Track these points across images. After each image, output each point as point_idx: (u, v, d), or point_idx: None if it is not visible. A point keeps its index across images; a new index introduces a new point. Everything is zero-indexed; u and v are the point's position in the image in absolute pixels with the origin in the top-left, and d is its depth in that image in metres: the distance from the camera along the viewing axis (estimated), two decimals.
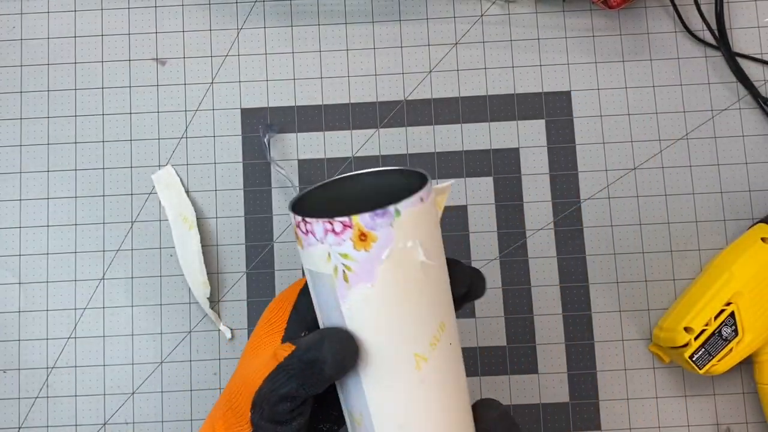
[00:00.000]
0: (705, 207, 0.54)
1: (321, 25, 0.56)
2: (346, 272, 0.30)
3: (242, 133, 0.55)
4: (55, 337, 0.53)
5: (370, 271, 0.30)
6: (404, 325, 0.31)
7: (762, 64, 0.55)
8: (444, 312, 0.32)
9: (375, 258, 0.29)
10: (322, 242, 0.30)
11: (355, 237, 0.29)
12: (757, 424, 0.52)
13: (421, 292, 0.31)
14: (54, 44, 0.56)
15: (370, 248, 0.29)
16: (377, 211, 0.29)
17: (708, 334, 0.48)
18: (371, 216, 0.29)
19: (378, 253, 0.29)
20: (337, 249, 0.30)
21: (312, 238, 0.30)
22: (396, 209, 0.29)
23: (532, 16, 0.56)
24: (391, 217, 0.29)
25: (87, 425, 0.52)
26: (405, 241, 0.30)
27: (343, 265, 0.30)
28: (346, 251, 0.29)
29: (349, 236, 0.29)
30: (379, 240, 0.29)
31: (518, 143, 0.54)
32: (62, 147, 0.55)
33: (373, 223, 0.29)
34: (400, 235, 0.29)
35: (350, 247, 0.29)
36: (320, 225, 0.30)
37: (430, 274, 0.31)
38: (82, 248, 0.54)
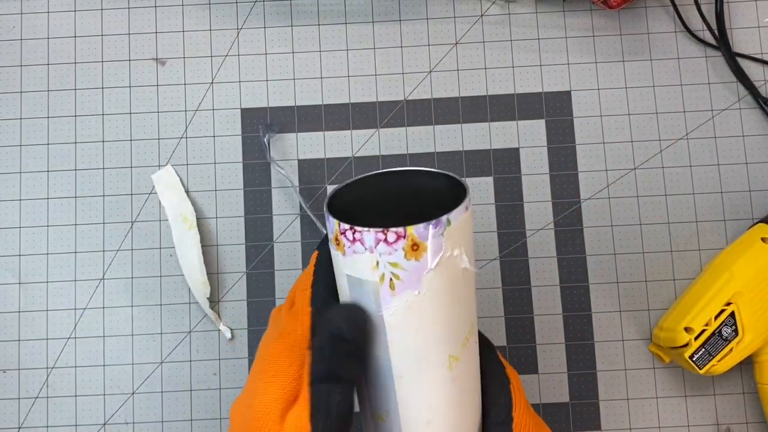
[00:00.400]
0: (705, 207, 0.54)
1: (321, 25, 0.56)
2: (393, 280, 0.31)
3: (242, 133, 0.55)
4: (55, 337, 0.53)
5: (417, 280, 0.30)
6: (444, 328, 0.32)
7: (762, 64, 0.55)
8: (472, 315, 0.33)
9: (424, 267, 0.30)
10: (372, 251, 0.31)
11: (408, 247, 0.30)
12: (757, 424, 0.52)
13: (460, 296, 0.32)
14: (54, 44, 0.56)
15: (420, 258, 0.30)
16: (432, 222, 0.30)
17: (708, 334, 0.48)
18: (425, 227, 0.30)
19: (426, 263, 0.30)
20: (387, 258, 0.30)
21: (360, 246, 0.31)
22: (448, 219, 0.30)
23: (532, 16, 0.56)
24: (443, 227, 0.30)
25: (87, 425, 0.52)
26: (453, 249, 0.31)
27: (391, 274, 0.31)
28: (396, 260, 0.30)
29: (402, 246, 0.30)
30: (430, 249, 0.30)
31: (518, 143, 0.54)
32: (62, 147, 0.55)
33: (427, 233, 0.30)
34: (449, 244, 0.30)
35: (401, 256, 0.30)
36: (372, 234, 0.30)
37: (468, 278, 0.32)
38: (82, 248, 0.54)
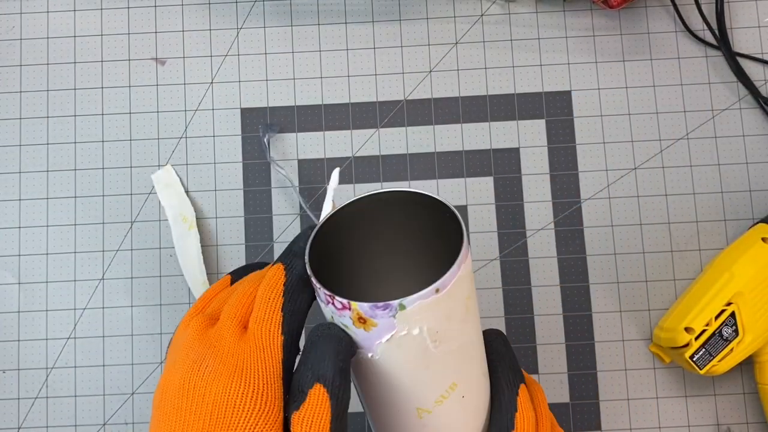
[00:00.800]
0: (705, 207, 0.54)
1: (321, 25, 0.56)
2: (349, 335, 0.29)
3: (242, 133, 0.55)
4: (54, 338, 0.53)
5: (370, 345, 0.29)
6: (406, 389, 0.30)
7: (762, 64, 0.55)
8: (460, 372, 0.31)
9: (375, 337, 0.28)
10: (326, 305, 0.29)
11: (355, 318, 0.28)
12: (757, 424, 0.52)
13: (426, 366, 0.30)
14: (53, 44, 0.56)
15: (369, 330, 0.28)
16: (379, 304, 0.28)
17: (708, 334, 0.48)
18: (371, 307, 0.28)
19: (378, 335, 0.28)
20: (339, 319, 0.29)
21: (319, 297, 0.30)
22: (401, 304, 0.28)
23: (533, 16, 0.56)
24: (393, 310, 0.28)
25: (87, 425, 0.52)
26: (410, 329, 0.28)
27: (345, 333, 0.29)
28: (347, 324, 0.29)
29: (349, 315, 0.28)
30: (380, 326, 0.28)
31: (518, 143, 0.54)
32: (62, 147, 0.55)
33: (373, 313, 0.28)
34: (404, 324, 0.28)
35: (350, 323, 0.29)
36: (323, 293, 0.29)
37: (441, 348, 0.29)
38: (82, 248, 0.54)
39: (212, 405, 0.26)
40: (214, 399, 0.26)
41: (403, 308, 0.27)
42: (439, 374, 0.30)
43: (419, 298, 0.28)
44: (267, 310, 0.28)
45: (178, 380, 0.27)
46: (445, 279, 0.28)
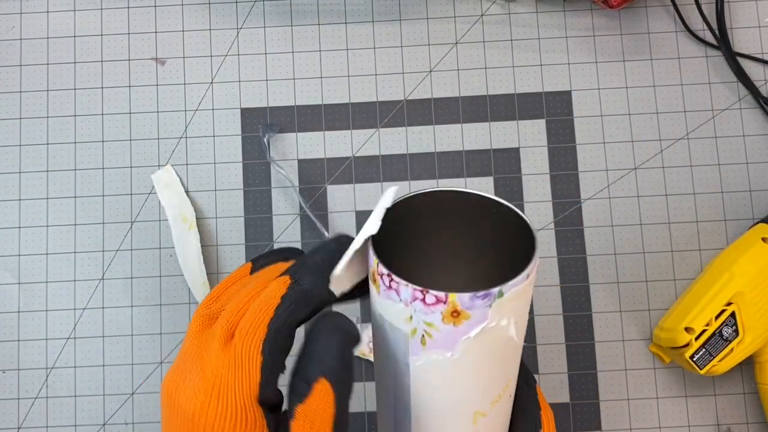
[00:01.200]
0: (705, 207, 0.54)
1: (321, 25, 0.56)
2: (425, 337, 0.28)
3: (242, 133, 0.55)
4: (54, 338, 0.53)
5: (452, 343, 0.28)
6: (474, 390, 0.29)
7: (763, 64, 0.55)
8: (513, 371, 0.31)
9: (462, 333, 0.27)
10: (407, 305, 0.28)
11: (447, 312, 0.27)
12: (757, 424, 0.52)
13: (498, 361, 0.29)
14: (53, 44, 0.56)
15: (460, 324, 0.27)
16: (480, 293, 0.27)
17: (709, 334, 0.48)
18: (471, 297, 0.27)
19: (467, 329, 0.27)
20: (422, 316, 0.28)
21: (395, 295, 0.28)
22: (500, 290, 0.27)
23: (533, 16, 0.56)
24: (492, 299, 0.27)
25: (86, 425, 0.52)
26: (500, 320, 0.28)
27: (424, 331, 0.28)
28: (432, 321, 0.27)
29: (441, 310, 0.27)
30: (472, 318, 0.27)
31: (518, 143, 0.54)
32: (61, 147, 0.55)
33: (471, 304, 0.27)
34: (496, 315, 0.27)
35: (438, 319, 0.27)
36: (409, 290, 0.27)
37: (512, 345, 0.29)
38: (82, 248, 0.54)
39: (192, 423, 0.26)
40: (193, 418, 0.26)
41: (501, 295, 0.27)
42: (505, 371, 0.30)
43: (514, 284, 0.27)
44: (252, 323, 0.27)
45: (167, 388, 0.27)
46: (533, 264, 0.28)
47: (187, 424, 0.25)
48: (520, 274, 0.27)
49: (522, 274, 0.27)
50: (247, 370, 0.26)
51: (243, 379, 0.26)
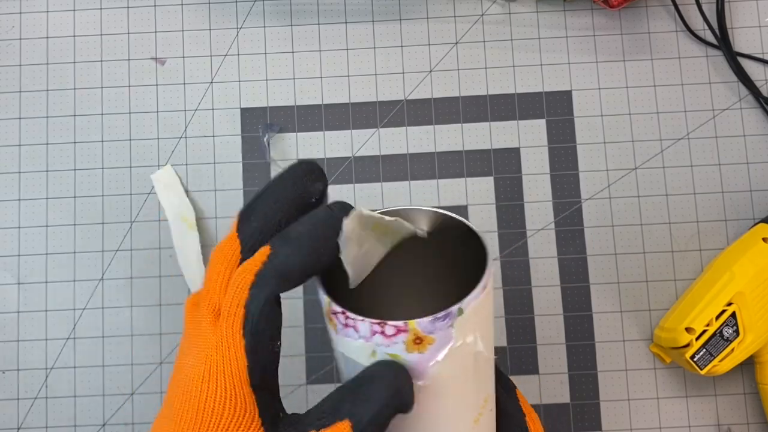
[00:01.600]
0: (706, 207, 0.54)
1: (321, 25, 0.56)
2: None
3: (242, 133, 0.55)
4: (54, 338, 0.53)
5: (422, 371, 0.27)
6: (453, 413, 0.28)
7: (763, 64, 0.55)
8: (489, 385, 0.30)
9: (429, 359, 0.27)
10: (367, 340, 0.27)
11: (410, 341, 0.26)
12: (758, 424, 0.51)
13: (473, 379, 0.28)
14: (53, 44, 0.56)
15: (425, 351, 0.26)
16: (439, 314, 0.26)
17: (709, 334, 0.48)
18: (431, 321, 0.26)
19: (433, 354, 0.26)
20: (385, 349, 0.26)
21: (353, 333, 0.27)
22: (459, 308, 0.26)
23: (533, 16, 0.56)
24: (452, 318, 0.26)
25: (86, 426, 0.52)
26: (465, 337, 0.27)
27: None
28: (396, 352, 0.26)
29: (402, 340, 0.26)
30: (437, 342, 0.26)
31: (518, 143, 0.54)
32: (61, 147, 0.55)
33: (433, 327, 0.26)
34: (460, 333, 0.27)
35: (402, 349, 0.26)
36: (366, 325, 0.26)
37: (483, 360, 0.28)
38: (81, 248, 0.54)
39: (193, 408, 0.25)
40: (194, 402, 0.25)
41: (461, 313, 0.26)
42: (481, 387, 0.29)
43: (472, 299, 0.26)
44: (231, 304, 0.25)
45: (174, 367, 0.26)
46: (487, 276, 0.27)
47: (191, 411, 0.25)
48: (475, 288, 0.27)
49: (478, 287, 0.27)
50: (233, 353, 0.25)
51: (231, 362, 0.25)
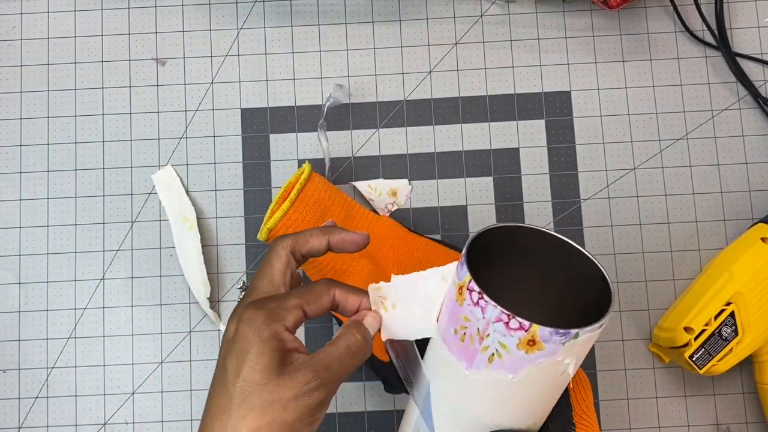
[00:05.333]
0: (705, 207, 0.54)
1: (321, 25, 0.56)
2: (494, 356, 0.31)
3: (242, 133, 0.55)
4: (55, 337, 0.53)
5: (517, 367, 0.30)
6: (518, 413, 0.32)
7: (762, 64, 0.55)
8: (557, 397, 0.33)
9: (530, 361, 0.30)
10: (488, 323, 0.30)
11: (524, 340, 0.30)
12: (756, 424, 0.52)
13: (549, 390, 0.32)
14: (54, 44, 0.56)
15: (532, 353, 0.30)
16: (560, 330, 0.29)
17: (708, 334, 0.48)
18: (551, 333, 0.29)
19: (535, 359, 0.30)
20: (499, 337, 0.30)
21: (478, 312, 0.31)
22: (577, 333, 0.30)
23: (532, 16, 0.56)
24: (568, 338, 0.30)
25: (87, 425, 0.52)
26: (565, 357, 0.30)
27: (496, 350, 0.30)
28: (507, 344, 0.30)
29: (519, 336, 0.30)
30: (545, 351, 0.30)
31: (518, 143, 0.55)
32: (62, 147, 0.55)
33: (549, 338, 0.30)
34: (565, 352, 0.30)
35: (514, 343, 0.30)
36: (496, 311, 0.30)
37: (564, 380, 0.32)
38: (82, 248, 0.54)
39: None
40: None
41: (576, 337, 0.30)
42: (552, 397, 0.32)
43: (589, 331, 0.30)
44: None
45: None
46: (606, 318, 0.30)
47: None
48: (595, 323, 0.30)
49: (597, 324, 0.30)
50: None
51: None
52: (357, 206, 0.52)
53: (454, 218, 0.54)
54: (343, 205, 0.51)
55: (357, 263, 0.51)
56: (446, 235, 0.54)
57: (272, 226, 0.48)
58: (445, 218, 0.54)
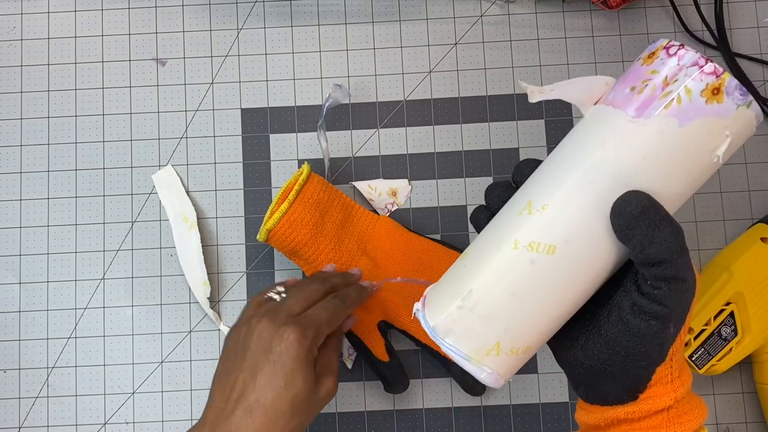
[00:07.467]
0: (704, 207, 0.54)
1: (321, 25, 0.56)
2: (674, 101, 0.31)
3: (242, 133, 0.55)
4: (55, 337, 0.53)
5: (689, 118, 0.31)
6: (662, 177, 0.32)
7: (761, 65, 0.55)
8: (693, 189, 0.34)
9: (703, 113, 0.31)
10: (681, 69, 0.32)
11: (711, 87, 0.31)
12: (756, 423, 0.52)
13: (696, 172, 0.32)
14: (54, 44, 0.56)
15: (710, 102, 0.31)
16: (743, 87, 0.31)
17: (707, 333, 0.48)
18: (737, 86, 0.31)
19: (709, 111, 0.31)
20: (687, 81, 0.31)
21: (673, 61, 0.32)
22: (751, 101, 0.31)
23: (532, 17, 0.56)
24: (744, 101, 0.31)
25: (87, 425, 0.53)
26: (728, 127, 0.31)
27: (678, 95, 0.31)
28: (692, 88, 0.31)
29: (708, 82, 0.31)
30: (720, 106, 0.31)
31: (518, 143, 0.55)
32: (62, 147, 0.55)
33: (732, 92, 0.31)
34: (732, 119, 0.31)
35: (699, 88, 0.31)
36: (695, 55, 0.32)
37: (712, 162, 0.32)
38: (83, 248, 0.54)
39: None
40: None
41: (749, 105, 0.31)
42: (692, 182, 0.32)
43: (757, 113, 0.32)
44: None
45: None
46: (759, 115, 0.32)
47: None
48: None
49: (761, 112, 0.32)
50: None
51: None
52: (357, 206, 0.52)
53: (454, 218, 0.54)
54: (342, 205, 0.51)
55: (357, 263, 0.51)
56: (446, 235, 0.54)
57: (271, 227, 0.48)
58: (445, 218, 0.54)
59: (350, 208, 0.51)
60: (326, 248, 0.50)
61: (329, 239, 0.50)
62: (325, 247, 0.50)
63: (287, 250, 0.49)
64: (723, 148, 0.32)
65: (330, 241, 0.50)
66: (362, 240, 0.51)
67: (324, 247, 0.50)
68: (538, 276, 0.32)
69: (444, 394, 0.52)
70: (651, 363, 0.32)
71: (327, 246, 0.50)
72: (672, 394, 0.33)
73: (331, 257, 0.50)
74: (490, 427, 0.52)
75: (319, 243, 0.49)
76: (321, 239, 0.49)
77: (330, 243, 0.50)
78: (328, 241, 0.50)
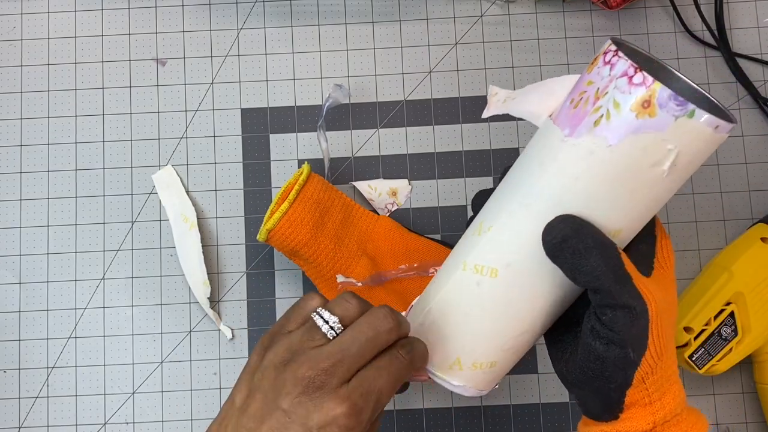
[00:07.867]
0: (705, 207, 0.54)
1: (321, 25, 0.56)
2: (603, 118, 0.29)
3: (242, 133, 0.55)
4: (55, 337, 0.53)
5: (620, 134, 0.29)
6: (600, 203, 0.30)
7: (762, 65, 0.55)
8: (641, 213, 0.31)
9: (635, 129, 0.29)
10: (612, 79, 0.29)
11: (640, 99, 0.28)
12: (756, 423, 0.52)
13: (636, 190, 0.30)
14: (54, 44, 0.56)
15: (641, 117, 0.28)
16: (679, 97, 0.28)
17: (708, 333, 0.48)
18: (671, 96, 0.28)
19: (641, 127, 0.28)
20: (617, 93, 0.29)
21: (605, 70, 0.30)
22: (694, 110, 0.28)
23: (532, 17, 0.56)
24: (683, 111, 0.28)
25: (87, 425, 0.52)
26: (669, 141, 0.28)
27: (607, 110, 0.29)
28: (620, 102, 0.29)
29: (638, 94, 0.28)
30: (655, 120, 0.28)
31: (518, 143, 0.55)
32: (62, 147, 0.55)
33: (666, 103, 0.28)
34: (672, 133, 0.28)
35: (628, 102, 0.29)
36: (626, 63, 0.29)
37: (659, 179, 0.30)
38: (83, 248, 0.54)
39: None
40: None
41: (692, 116, 0.28)
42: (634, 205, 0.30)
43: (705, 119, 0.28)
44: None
45: None
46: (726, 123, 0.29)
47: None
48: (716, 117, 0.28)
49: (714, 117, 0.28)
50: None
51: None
52: (357, 206, 0.52)
53: (454, 218, 0.54)
54: (342, 205, 0.51)
55: (357, 263, 0.51)
56: (446, 235, 0.54)
57: (271, 227, 0.48)
58: (445, 218, 0.54)
59: (350, 208, 0.51)
60: (326, 248, 0.50)
61: (329, 239, 0.50)
62: (325, 247, 0.50)
63: (287, 250, 0.49)
64: (668, 163, 0.29)
65: (330, 241, 0.50)
66: (362, 240, 0.51)
67: (324, 247, 0.50)
68: (486, 297, 0.33)
69: (444, 394, 0.52)
70: (618, 387, 0.32)
71: (327, 246, 0.50)
72: (650, 417, 0.32)
73: (331, 257, 0.50)
74: (490, 427, 0.52)
75: (319, 243, 0.49)
76: (321, 239, 0.49)
77: (330, 243, 0.50)
78: (329, 241, 0.50)
